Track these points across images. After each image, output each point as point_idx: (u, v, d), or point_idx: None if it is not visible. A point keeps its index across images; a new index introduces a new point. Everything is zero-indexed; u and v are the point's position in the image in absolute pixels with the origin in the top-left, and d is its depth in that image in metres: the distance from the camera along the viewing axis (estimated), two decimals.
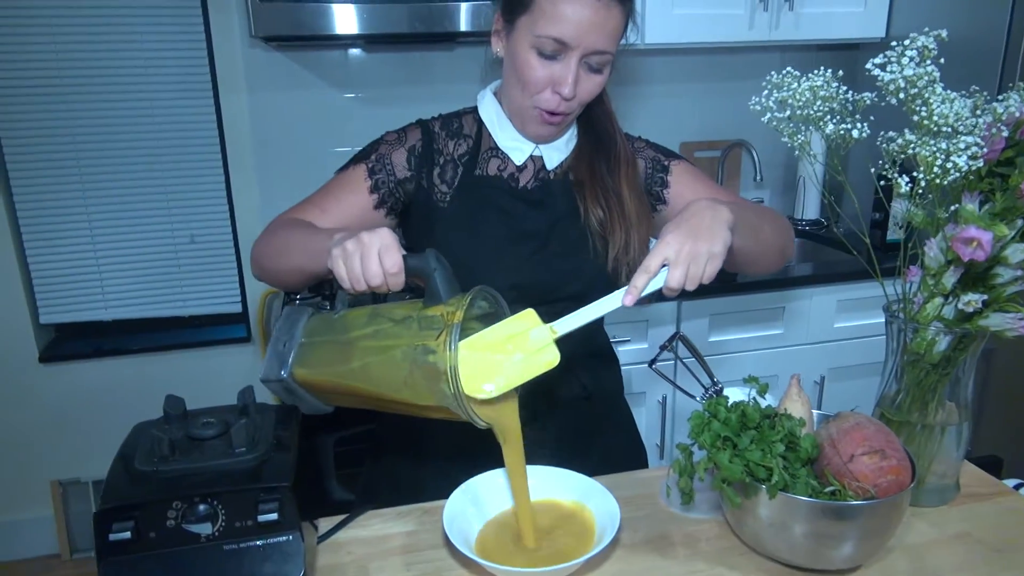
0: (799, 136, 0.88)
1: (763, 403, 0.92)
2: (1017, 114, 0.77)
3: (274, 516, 0.73)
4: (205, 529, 0.72)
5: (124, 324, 2.38)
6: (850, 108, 0.85)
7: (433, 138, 1.15)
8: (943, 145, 0.75)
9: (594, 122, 1.18)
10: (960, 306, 0.86)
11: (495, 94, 1.16)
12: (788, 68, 0.89)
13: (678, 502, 0.97)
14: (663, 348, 1.01)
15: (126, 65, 2.15)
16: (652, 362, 1.03)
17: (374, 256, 0.85)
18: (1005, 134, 0.78)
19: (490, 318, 0.91)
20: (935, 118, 0.74)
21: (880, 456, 0.82)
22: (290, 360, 0.87)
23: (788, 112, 0.86)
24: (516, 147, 1.14)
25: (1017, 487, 1.08)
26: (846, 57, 2.58)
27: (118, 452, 0.79)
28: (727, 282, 2.06)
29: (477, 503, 0.93)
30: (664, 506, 1.00)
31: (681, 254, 0.86)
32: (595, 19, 1.00)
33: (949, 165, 0.74)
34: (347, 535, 0.95)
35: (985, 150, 0.77)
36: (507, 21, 1.06)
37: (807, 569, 0.86)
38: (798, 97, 0.84)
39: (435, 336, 0.78)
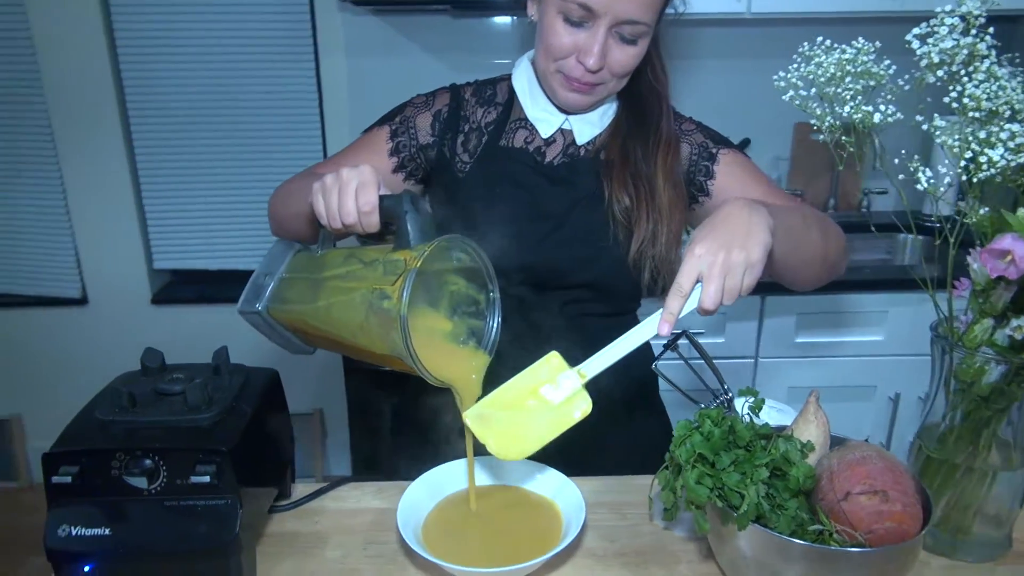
0: (828, 118, 0.76)
1: (760, 421, 0.82)
2: None
3: (207, 479, 0.73)
4: (144, 483, 0.74)
5: (227, 274, 2.53)
6: (888, 85, 0.72)
7: (461, 104, 1.10)
8: (980, 133, 0.61)
9: (638, 98, 1.08)
10: (1009, 331, 0.71)
11: (532, 62, 1.09)
12: (820, 38, 0.76)
13: (662, 516, 0.88)
14: (667, 347, 0.92)
15: (236, 30, 2.25)
16: (655, 361, 0.94)
17: (350, 192, 0.82)
18: None
19: (471, 273, 0.87)
20: (966, 100, 0.60)
21: (881, 498, 0.71)
22: (267, 294, 0.87)
23: (813, 89, 0.74)
24: (544, 119, 1.07)
25: None
26: (1007, 30, 2.25)
27: (91, 399, 0.82)
28: None
29: (435, 491, 0.90)
30: (654, 521, 0.92)
31: (715, 267, 0.77)
32: None
33: (983, 158, 0.60)
34: (323, 504, 0.94)
35: None
36: None
37: None
38: (822, 72, 0.72)
39: (392, 281, 0.75)
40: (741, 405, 0.86)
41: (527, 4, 1.04)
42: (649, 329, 0.81)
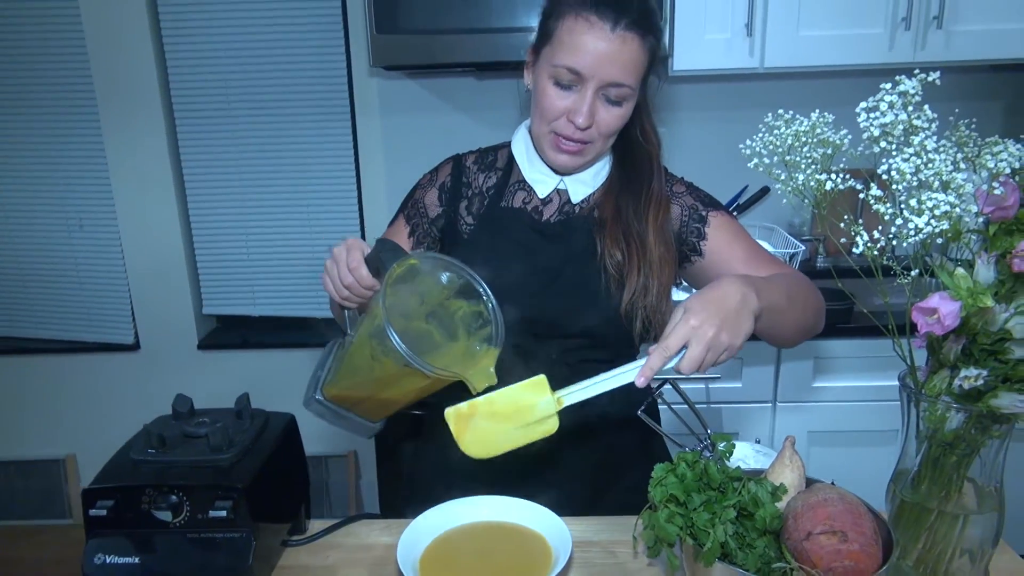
0: (790, 184, 0.82)
1: (734, 458, 0.87)
2: (1008, 168, 0.67)
3: (224, 513, 0.82)
4: (169, 516, 0.83)
5: (269, 320, 2.66)
6: (848, 151, 0.78)
7: (463, 172, 1.20)
8: (911, 202, 0.67)
9: (630, 160, 1.17)
10: (959, 382, 0.76)
11: (528, 130, 1.18)
12: (780, 110, 0.83)
13: (646, 553, 0.93)
14: (652, 394, 0.98)
15: (280, 93, 2.42)
16: (641, 409, 1.00)
17: (343, 261, 0.95)
18: (998, 191, 0.68)
19: (467, 290, 0.97)
20: (893, 174, 0.67)
21: (840, 538, 0.75)
22: (321, 384, 0.97)
23: (776, 158, 0.81)
24: (541, 180, 1.15)
25: None
26: (1018, 79, 2.28)
27: (130, 439, 0.92)
28: (831, 323, 1.90)
29: (434, 527, 0.97)
30: (640, 557, 0.97)
31: (703, 341, 0.85)
32: (610, 51, 1.00)
33: (911, 225, 0.66)
34: (336, 539, 1.02)
35: (972, 208, 0.68)
36: (535, 53, 1.09)
37: None
38: (780, 143, 0.79)
39: (376, 304, 0.86)
40: (742, 448, 0.92)
41: (524, 74, 1.14)
42: (628, 376, 0.88)
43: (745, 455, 1.04)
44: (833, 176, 0.75)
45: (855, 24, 2.00)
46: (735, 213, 2.33)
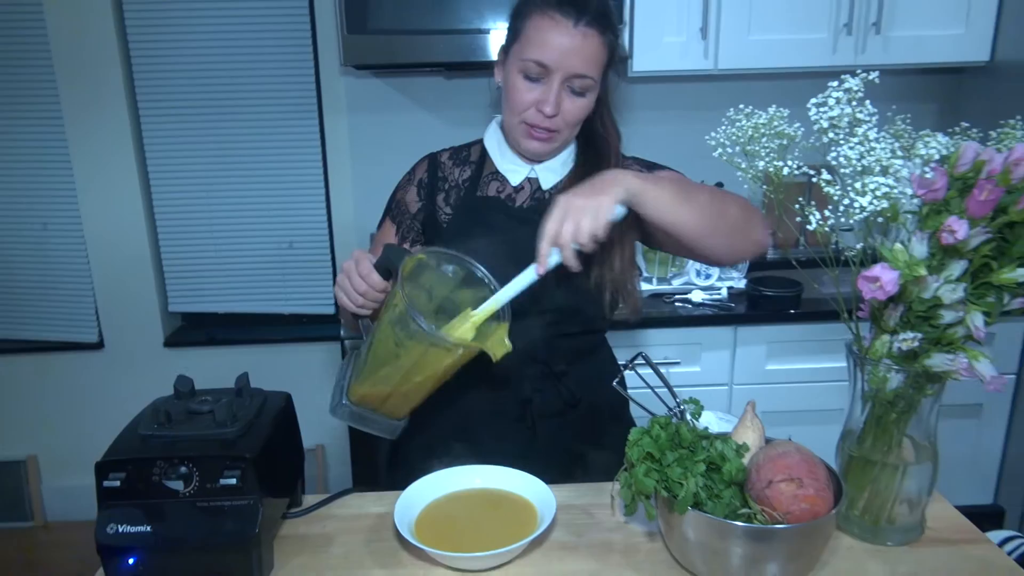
0: (750, 172, 0.91)
1: (700, 425, 0.96)
2: (936, 156, 0.77)
3: (234, 481, 0.87)
4: (180, 486, 0.87)
5: (236, 316, 2.68)
6: (800, 142, 0.88)
7: (439, 167, 1.29)
8: (857, 184, 0.76)
9: (593, 150, 1.26)
10: (898, 344, 0.86)
11: (500, 125, 1.27)
12: (741, 104, 0.92)
13: (623, 511, 1.02)
14: (625, 366, 1.06)
15: (248, 93, 2.44)
16: (615, 381, 1.09)
17: (354, 272, 1.04)
18: (929, 175, 0.78)
19: (470, 279, 1.07)
20: (841, 159, 0.76)
21: (797, 484, 0.84)
22: (346, 387, 1.03)
23: (737, 148, 0.90)
24: (513, 169, 1.24)
25: (1004, 541, 1.04)
26: (950, 81, 2.44)
27: (135, 417, 0.97)
28: (782, 310, 2.03)
29: (427, 494, 1.04)
30: (617, 517, 1.05)
31: (569, 210, 0.97)
32: (573, 45, 1.10)
33: (856, 205, 0.76)
34: (330, 511, 1.08)
35: (908, 190, 0.78)
36: (505, 52, 1.19)
37: None
38: (742, 134, 0.88)
39: (395, 295, 0.95)
40: (708, 417, 1.01)
41: (495, 71, 1.22)
42: (528, 274, 1.01)
43: (710, 421, 1.12)
44: (789, 163, 0.84)
45: (801, 29, 2.13)
46: None
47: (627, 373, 1.06)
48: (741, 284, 2.15)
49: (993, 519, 2.12)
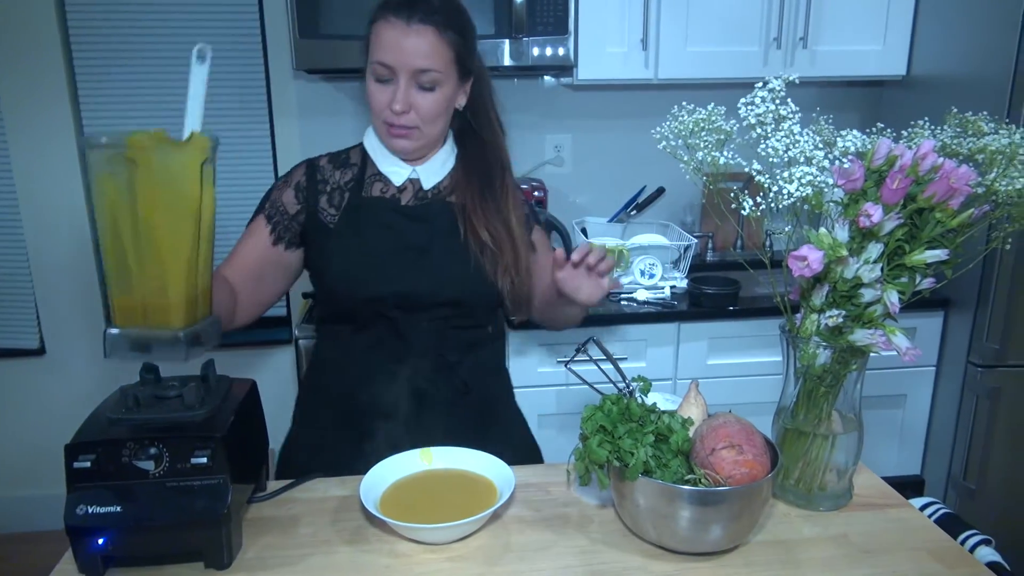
0: (692, 163, 0.99)
1: (648, 401, 1.03)
2: (852, 149, 0.86)
3: (204, 460, 0.89)
4: (150, 466, 0.90)
5: None
6: (736, 139, 0.96)
7: (317, 171, 1.31)
8: (785, 173, 0.85)
9: (482, 159, 1.33)
10: (825, 320, 0.95)
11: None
12: (684, 102, 1.00)
13: (578, 485, 1.08)
14: (578, 350, 1.13)
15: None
16: (567, 363, 1.15)
17: None
18: (847, 165, 0.87)
19: None
20: (769, 150, 0.85)
21: (737, 451, 0.92)
22: (110, 315, 0.89)
23: (679, 141, 0.98)
24: (395, 171, 1.30)
25: (924, 506, 1.13)
26: (871, 93, 2.61)
27: (100, 404, 0.98)
28: (722, 307, 2.13)
29: (390, 474, 1.08)
30: (571, 492, 1.11)
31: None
32: (408, 42, 1.17)
33: (785, 191, 0.84)
34: (294, 495, 1.11)
35: (829, 180, 0.87)
36: (364, 61, 1.24)
37: (673, 551, 0.95)
38: (683, 128, 0.96)
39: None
40: (655, 396, 1.08)
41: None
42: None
43: (656, 400, 1.20)
44: (725, 154, 0.92)
45: (735, 42, 2.26)
46: (633, 212, 2.54)
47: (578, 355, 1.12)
48: (683, 283, 2.25)
49: (915, 487, 2.28)
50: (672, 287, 2.22)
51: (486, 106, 1.32)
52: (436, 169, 1.31)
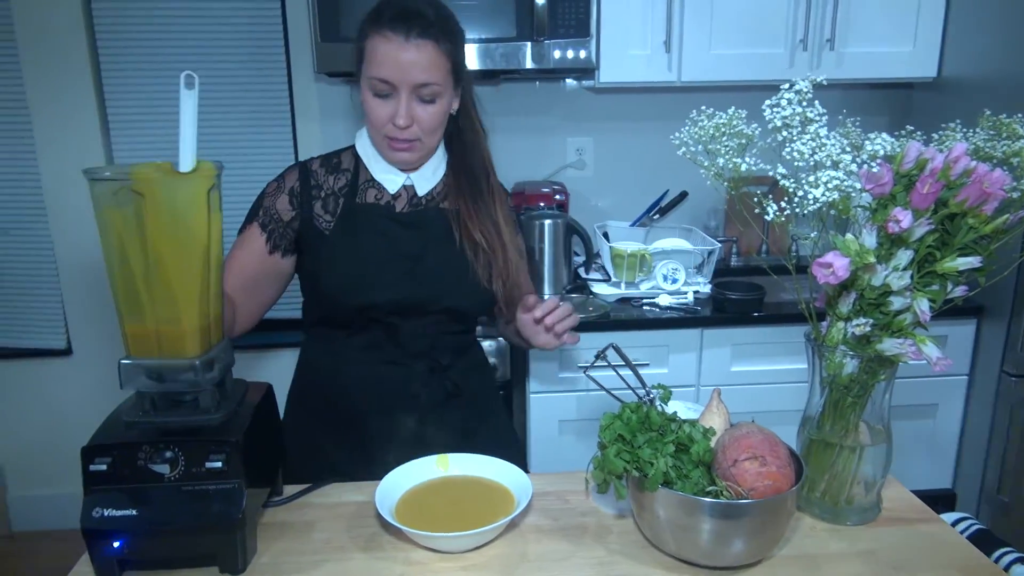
0: (712, 169, 0.97)
1: (669, 410, 1.01)
2: (881, 152, 0.84)
3: (219, 464, 0.89)
4: (166, 470, 0.89)
5: None
6: (759, 143, 0.94)
7: (311, 175, 1.29)
8: (810, 177, 0.82)
9: (467, 160, 1.33)
10: (852, 329, 0.92)
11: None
12: (704, 106, 0.98)
13: (596, 494, 1.06)
14: (597, 357, 1.11)
15: (220, 97, 2.45)
16: (587, 369, 1.13)
17: None
18: (875, 169, 0.84)
19: None
20: (795, 154, 0.82)
21: (760, 462, 0.89)
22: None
23: (700, 146, 0.96)
24: (389, 178, 1.29)
25: (956, 522, 1.10)
26: (900, 95, 2.56)
27: (117, 407, 0.98)
28: (746, 313, 2.10)
29: (406, 480, 1.07)
30: (590, 501, 1.09)
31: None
32: (409, 58, 1.15)
33: (810, 197, 0.82)
34: (310, 500, 1.10)
35: (857, 185, 0.85)
36: (357, 72, 1.23)
37: (694, 564, 0.93)
38: (703, 133, 0.94)
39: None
40: (677, 405, 1.06)
41: (352, 91, 1.30)
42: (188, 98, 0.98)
43: (677, 409, 1.18)
44: (747, 159, 0.90)
45: (760, 44, 2.22)
46: (656, 216, 2.52)
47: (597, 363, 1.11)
48: (707, 288, 2.22)
49: (946, 501, 2.23)
50: (695, 292, 2.19)
51: (468, 108, 1.32)
52: (429, 176, 1.31)
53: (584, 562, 0.95)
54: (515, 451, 1.42)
